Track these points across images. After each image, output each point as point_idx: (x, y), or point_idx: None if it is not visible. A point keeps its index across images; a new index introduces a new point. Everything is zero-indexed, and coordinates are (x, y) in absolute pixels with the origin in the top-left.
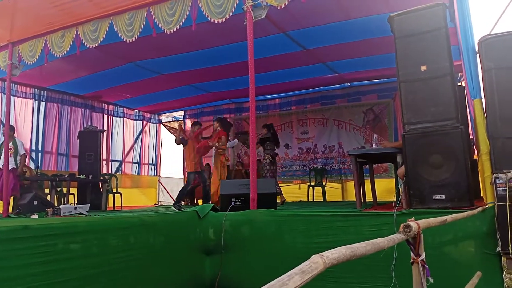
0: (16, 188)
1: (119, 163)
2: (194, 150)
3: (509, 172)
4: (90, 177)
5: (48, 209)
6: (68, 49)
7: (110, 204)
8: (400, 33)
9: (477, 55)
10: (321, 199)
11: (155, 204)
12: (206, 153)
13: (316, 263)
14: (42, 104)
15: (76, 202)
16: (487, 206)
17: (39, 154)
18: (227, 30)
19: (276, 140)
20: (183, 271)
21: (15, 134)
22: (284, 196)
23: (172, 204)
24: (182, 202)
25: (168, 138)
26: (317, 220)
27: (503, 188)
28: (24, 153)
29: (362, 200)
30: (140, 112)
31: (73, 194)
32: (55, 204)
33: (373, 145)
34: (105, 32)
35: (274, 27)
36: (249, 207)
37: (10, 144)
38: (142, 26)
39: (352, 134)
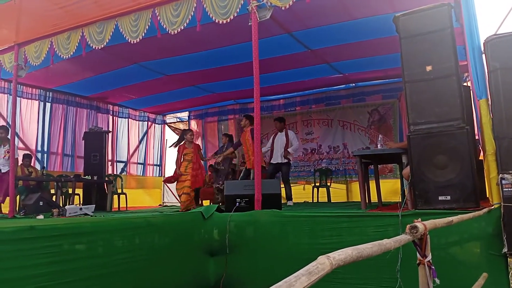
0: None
1: (124, 164)
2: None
3: None
4: (95, 177)
5: (54, 210)
6: (74, 50)
7: (115, 205)
8: (405, 33)
9: (483, 55)
10: (325, 200)
11: (160, 205)
12: None
13: (323, 264)
14: (48, 105)
15: (81, 202)
16: (493, 207)
17: (45, 155)
18: (232, 30)
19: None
20: (188, 272)
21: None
22: None
23: None
24: None
25: (173, 139)
26: (322, 221)
27: (509, 189)
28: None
29: (367, 201)
30: (145, 113)
31: (78, 194)
32: (61, 205)
33: (378, 145)
34: (111, 34)
35: (279, 28)
36: (254, 208)
37: (7, 146)
38: (147, 27)
39: (357, 134)
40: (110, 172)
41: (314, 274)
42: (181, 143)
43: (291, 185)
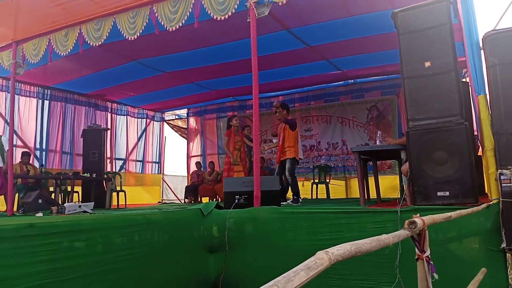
0: (4, 187)
1: (123, 161)
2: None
3: None
4: (94, 175)
5: (53, 207)
6: (72, 47)
7: (114, 202)
8: (403, 29)
9: (482, 51)
10: (325, 196)
11: (159, 202)
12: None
13: (321, 259)
14: (46, 102)
15: (80, 200)
16: (491, 203)
17: (44, 152)
18: (230, 27)
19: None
20: (187, 269)
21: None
22: None
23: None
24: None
25: (171, 136)
26: (321, 217)
27: (507, 184)
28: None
29: (366, 197)
30: (144, 110)
31: (77, 192)
32: (60, 202)
33: (377, 142)
34: (109, 31)
35: (277, 24)
36: (253, 205)
37: None
38: (145, 24)
39: (355, 131)
40: (109, 169)
41: (313, 269)
42: (229, 129)
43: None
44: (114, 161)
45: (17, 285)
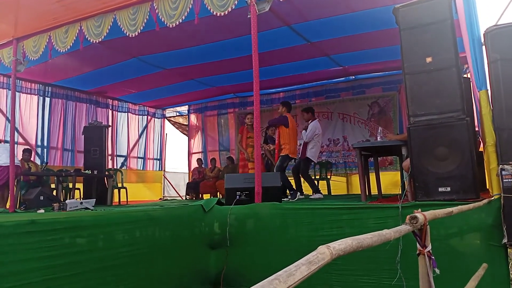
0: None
1: (124, 158)
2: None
3: None
4: (95, 172)
5: (55, 204)
6: (71, 44)
7: (116, 199)
8: (405, 25)
9: (483, 46)
10: (326, 192)
11: (160, 199)
12: None
13: (323, 253)
14: (47, 100)
15: (82, 197)
16: (493, 198)
17: (45, 149)
18: (231, 23)
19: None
20: (189, 265)
21: None
22: None
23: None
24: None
25: (172, 133)
26: (322, 213)
27: (509, 180)
28: None
29: (367, 193)
30: (145, 107)
31: (79, 189)
32: (61, 199)
33: (378, 138)
34: (109, 27)
35: (278, 20)
36: (254, 201)
37: None
38: (146, 20)
39: (357, 127)
40: (110, 166)
41: (314, 263)
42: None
43: (291, 177)
44: (115, 158)
45: (19, 280)
